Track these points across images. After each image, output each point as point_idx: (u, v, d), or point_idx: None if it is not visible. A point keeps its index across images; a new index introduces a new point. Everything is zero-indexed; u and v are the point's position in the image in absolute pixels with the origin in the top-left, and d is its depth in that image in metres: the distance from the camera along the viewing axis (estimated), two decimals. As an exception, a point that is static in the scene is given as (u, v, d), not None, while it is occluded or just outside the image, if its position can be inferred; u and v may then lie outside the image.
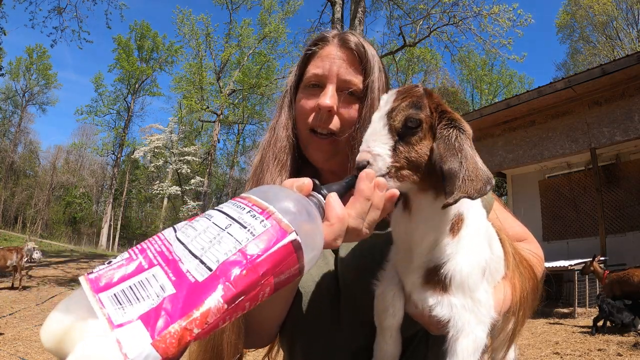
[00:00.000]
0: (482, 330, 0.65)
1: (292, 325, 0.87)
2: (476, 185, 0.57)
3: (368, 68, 0.87)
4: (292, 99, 0.93)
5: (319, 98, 0.86)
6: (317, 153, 0.89)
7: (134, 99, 35.10)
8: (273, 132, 0.92)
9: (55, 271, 14.69)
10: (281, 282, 0.42)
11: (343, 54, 0.88)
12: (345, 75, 0.87)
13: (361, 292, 0.79)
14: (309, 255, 0.45)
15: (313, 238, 0.46)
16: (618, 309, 5.47)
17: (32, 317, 8.54)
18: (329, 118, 0.86)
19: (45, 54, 37.25)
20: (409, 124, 0.63)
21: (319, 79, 0.88)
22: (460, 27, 12.73)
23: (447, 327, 0.65)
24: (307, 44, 0.95)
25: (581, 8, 26.62)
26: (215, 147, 27.15)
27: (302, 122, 0.90)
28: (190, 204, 22.62)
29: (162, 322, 0.34)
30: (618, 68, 7.61)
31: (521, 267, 0.76)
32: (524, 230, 0.94)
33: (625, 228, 8.36)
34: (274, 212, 0.43)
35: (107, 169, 40.61)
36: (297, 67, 0.94)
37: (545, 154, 9.05)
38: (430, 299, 0.66)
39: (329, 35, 0.92)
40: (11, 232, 31.79)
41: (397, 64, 20.58)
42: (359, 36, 0.92)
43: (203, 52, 25.16)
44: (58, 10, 13.27)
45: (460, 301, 0.65)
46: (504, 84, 32.22)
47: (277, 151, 0.89)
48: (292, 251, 0.42)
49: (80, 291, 0.38)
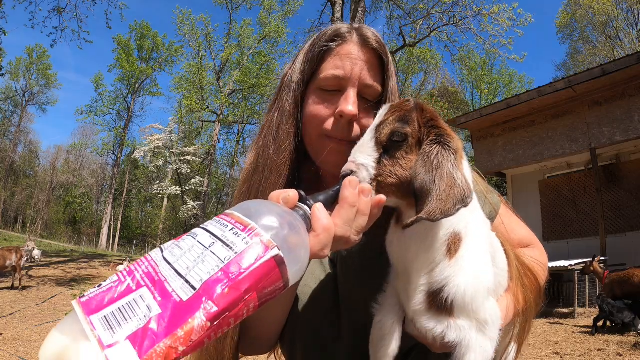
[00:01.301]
0: (491, 345, 0.64)
1: (292, 333, 0.86)
2: (444, 206, 0.55)
3: (389, 71, 0.81)
4: (300, 99, 0.83)
5: (341, 103, 0.77)
6: (334, 155, 0.79)
7: (134, 99, 35.10)
8: (273, 134, 0.83)
9: (55, 271, 14.69)
10: (266, 297, 0.43)
11: (365, 55, 0.80)
12: (367, 79, 0.79)
13: (362, 301, 0.77)
14: (293, 269, 0.45)
15: (297, 251, 0.46)
16: (618, 308, 5.47)
17: (32, 317, 8.54)
18: (350, 127, 0.78)
19: (45, 54, 37.27)
20: (394, 138, 0.63)
21: (339, 82, 0.79)
22: (460, 27, 12.75)
23: (454, 347, 0.64)
24: (315, 38, 0.83)
25: (581, 8, 26.61)
26: (215, 147, 27.18)
27: (315, 127, 0.80)
28: (190, 204, 22.62)
29: (149, 341, 0.35)
30: (618, 68, 7.61)
31: (525, 278, 0.75)
32: (529, 235, 0.91)
33: (625, 228, 8.35)
34: (256, 228, 0.44)
35: (107, 169, 40.62)
36: (306, 63, 0.81)
37: (545, 154, 9.05)
38: (437, 326, 0.64)
39: (345, 31, 0.81)
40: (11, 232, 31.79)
41: (397, 64, 20.58)
42: (375, 31, 0.83)
43: (203, 52, 25.19)
44: (58, 10, 13.27)
45: (467, 323, 0.63)
46: (504, 84, 32.20)
47: (278, 161, 0.81)
48: (274, 266, 0.42)
49: (74, 314, 0.40)
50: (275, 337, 0.87)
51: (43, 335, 7.53)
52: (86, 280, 13.38)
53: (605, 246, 7.78)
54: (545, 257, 0.91)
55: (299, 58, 0.84)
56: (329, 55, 0.81)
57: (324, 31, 0.83)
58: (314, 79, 0.82)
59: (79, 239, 33.31)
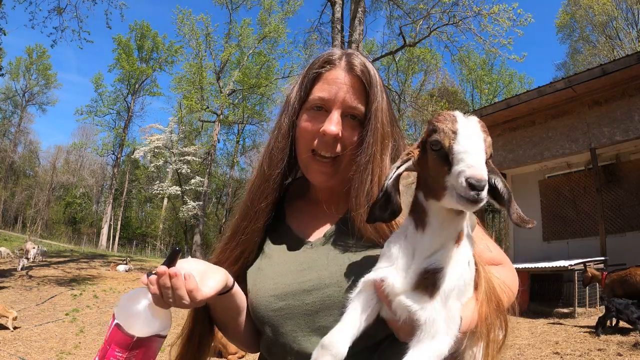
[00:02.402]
0: (447, 343, 0.66)
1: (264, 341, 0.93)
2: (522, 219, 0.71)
3: (372, 94, 0.89)
4: (294, 119, 0.94)
5: (325, 124, 0.88)
6: (319, 175, 0.92)
7: (134, 99, 35.12)
8: (270, 152, 0.96)
9: (55, 271, 14.69)
10: (123, 345, 0.74)
11: (349, 80, 0.90)
12: (350, 101, 0.89)
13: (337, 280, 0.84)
14: (133, 325, 0.75)
15: (130, 315, 0.76)
16: (625, 305, 5.43)
17: (32, 317, 8.54)
18: (334, 144, 0.89)
19: (45, 54, 37.30)
20: (488, 159, 0.66)
21: (325, 103, 0.90)
22: (460, 27, 12.73)
23: (419, 330, 0.66)
24: (311, 63, 0.96)
25: (581, 8, 26.61)
26: (215, 147, 27.16)
27: (304, 144, 0.92)
28: (190, 204, 22.60)
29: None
30: (618, 68, 7.61)
31: (489, 293, 0.75)
32: (502, 255, 0.94)
33: (625, 228, 8.35)
34: (114, 310, 0.78)
35: (107, 169, 40.64)
36: (300, 87, 0.94)
37: (545, 154, 9.06)
38: (414, 304, 0.67)
39: (335, 58, 0.93)
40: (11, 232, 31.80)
41: (397, 64, 20.59)
42: (364, 58, 0.93)
43: (203, 52, 25.16)
44: (58, 11, 13.26)
45: (440, 308, 0.67)
46: (504, 84, 32.22)
47: (269, 174, 0.94)
48: (116, 330, 0.75)
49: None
50: (248, 340, 0.97)
51: (43, 335, 7.53)
52: (86, 280, 13.37)
53: (605, 246, 7.78)
54: (516, 277, 0.92)
55: (298, 81, 0.96)
56: (319, 80, 0.92)
57: (319, 56, 0.95)
58: (307, 101, 0.93)
59: (79, 239, 33.32)
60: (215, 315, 0.95)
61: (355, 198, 0.86)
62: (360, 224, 0.85)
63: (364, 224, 0.83)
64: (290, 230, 0.98)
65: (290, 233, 0.97)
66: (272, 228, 0.98)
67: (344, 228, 0.90)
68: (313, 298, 0.84)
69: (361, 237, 0.86)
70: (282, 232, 0.98)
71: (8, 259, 16.55)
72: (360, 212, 0.84)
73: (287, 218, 1.01)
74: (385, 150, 0.89)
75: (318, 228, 0.96)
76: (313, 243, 0.92)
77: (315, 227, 0.96)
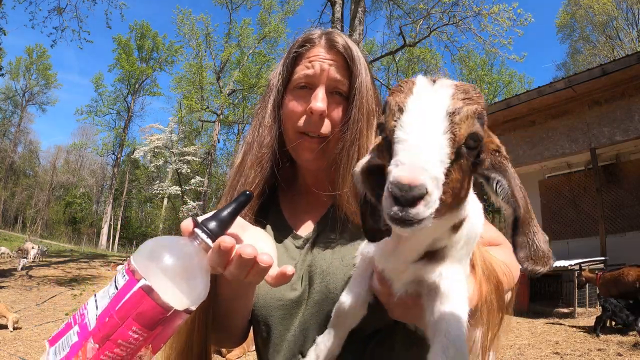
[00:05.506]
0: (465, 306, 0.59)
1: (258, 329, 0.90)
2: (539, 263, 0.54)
3: (355, 70, 0.88)
4: (279, 100, 0.93)
5: (311, 101, 0.86)
6: (307, 153, 0.89)
7: (134, 99, 35.11)
8: (257, 133, 0.93)
9: (55, 271, 14.69)
10: (150, 321, 0.50)
11: (331, 56, 0.89)
12: (334, 74, 0.88)
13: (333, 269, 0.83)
14: (170, 293, 0.50)
15: (172, 277, 0.51)
16: (620, 308, 5.47)
17: (32, 317, 8.54)
18: (320, 122, 0.87)
19: (45, 54, 37.28)
20: (470, 143, 0.48)
21: (309, 80, 0.88)
22: (460, 27, 12.74)
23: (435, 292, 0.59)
24: (291, 45, 0.95)
25: (581, 8, 26.62)
26: (215, 147, 27.20)
27: (291, 124, 0.90)
28: (190, 204, 22.59)
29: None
30: (618, 68, 7.61)
31: (488, 272, 0.73)
32: (500, 236, 0.92)
33: (625, 228, 8.35)
34: (131, 264, 0.52)
35: (107, 169, 40.65)
36: (283, 68, 0.93)
37: (545, 154, 9.05)
38: (427, 271, 0.60)
39: (315, 37, 0.92)
40: (11, 232, 31.81)
41: (397, 64, 20.58)
42: (345, 36, 0.92)
43: (203, 52, 25.18)
44: (58, 10, 13.27)
45: (453, 267, 0.60)
46: (504, 84, 32.20)
47: (259, 155, 0.90)
48: (143, 295, 0.49)
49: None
50: (243, 325, 0.92)
51: (43, 335, 7.52)
52: (86, 280, 13.37)
53: (605, 246, 7.78)
54: None
55: (279, 64, 0.95)
56: (301, 59, 0.91)
57: (298, 38, 0.94)
58: (290, 82, 0.92)
59: (79, 239, 33.33)
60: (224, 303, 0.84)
61: (342, 177, 0.84)
62: (348, 209, 0.84)
63: (351, 211, 0.83)
64: (283, 218, 0.97)
65: (284, 222, 0.96)
66: (266, 215, 0.96)
67: (333, 216, 0.89)
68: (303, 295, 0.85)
69: (349, 223, 0.85)
70: (276, 220, 0.96)
71: (8, 259, 16.58)
72: (346, 192, 0.83)
73: (281, 205, 0.99)
74: (371, 128, 0.87)
75: (307, 220, 0.95)
76: (304, 238, 0.92)
77: (304, 219, 0.96)
